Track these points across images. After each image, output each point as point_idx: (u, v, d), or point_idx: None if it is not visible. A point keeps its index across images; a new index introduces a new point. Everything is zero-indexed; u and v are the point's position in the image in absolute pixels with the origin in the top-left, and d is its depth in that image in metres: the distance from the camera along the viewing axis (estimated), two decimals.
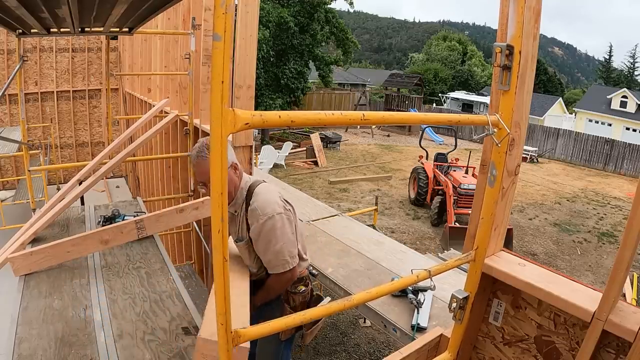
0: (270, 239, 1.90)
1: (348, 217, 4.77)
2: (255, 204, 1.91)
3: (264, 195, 1.95)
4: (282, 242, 1.92)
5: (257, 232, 1.91)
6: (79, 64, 10.09)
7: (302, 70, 18.35)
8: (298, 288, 2.12)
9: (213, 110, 0.72)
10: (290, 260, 1.95)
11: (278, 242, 1.91)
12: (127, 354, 1.83)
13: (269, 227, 1.89)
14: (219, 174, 0.76)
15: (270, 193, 1.99)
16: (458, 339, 1.53)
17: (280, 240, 1.91)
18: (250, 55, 2.98)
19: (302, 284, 2.14)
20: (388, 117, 1.07)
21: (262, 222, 1.88)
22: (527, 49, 1.31)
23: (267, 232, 1.89)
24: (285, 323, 0.97)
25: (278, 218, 1.91)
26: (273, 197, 1.98)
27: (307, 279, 2.17)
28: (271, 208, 1.91)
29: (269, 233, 1.89)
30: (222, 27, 0.68)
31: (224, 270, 0.80)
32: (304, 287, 2.14)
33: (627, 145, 19.53)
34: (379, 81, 37.89)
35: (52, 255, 2.49)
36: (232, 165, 1.93)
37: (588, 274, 8.26)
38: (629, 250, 1.21)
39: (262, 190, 1.97)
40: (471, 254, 1.42)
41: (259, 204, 1.91)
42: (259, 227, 1.89)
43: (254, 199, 1.93)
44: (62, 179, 9.77)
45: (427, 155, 11.61)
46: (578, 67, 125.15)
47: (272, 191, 2.02)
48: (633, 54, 49.64)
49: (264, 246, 1.93)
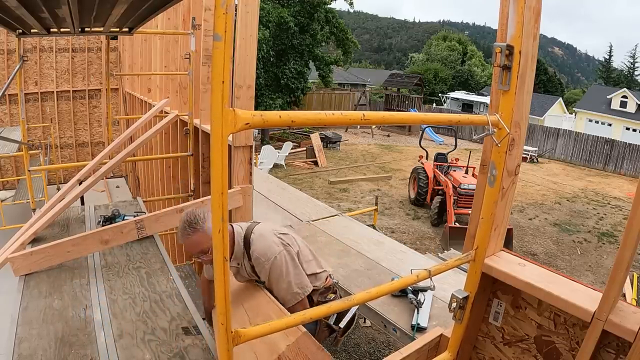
0: (277, 278, 2.02)
1: (348, 217, 4.77)
2: (256, 252, 2.02)
3: (260, 242, 2.05)
4: (289, 277, 2.03)
5: (266, 276, 2.03)
6: (79, 64, 10.09)
7: (302, 70, 18.35)
8: (328, 297, 2.23)
9: (213, 110, 0.72)
10: (300, 291, 2.07)
11: (285, 278, 2.02)
12: (127, 353, 1.82)
13: (275, 268, 2.01)
14: (219, 173, 0.76)
15: (265, 236, 2.09)
16: (458, 339, 1.53)
17: (286, 276, 2.03)
18: (250, 55, 2.98)
19: (331, 292, 2.25)
20: (388, 117, 1.07)
21: (268, 266, 2.00)
22: (527, 49, 1.31)
23: (274, 273, 2.01)
24: (286, 323, 0.97)
25: (279, 258, 2.02)
26: (269, 238, 2.07)
27: (334, 287, 2.29)
28: (271, 251, 2.01)
29: (276, 273, 2.01)
30: (223, 27, 0.68)
31: (224, 270, 0.80)
32: (333, 295, 2.25)
33: (627, 145, 19.53)
34: (379, 81, 37.89)
35: (52, 255, 2.49)
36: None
37: (588, 274, 8.26)
38: (629, 250, 1.21)
39: (257, 236, 2.07)
40: (471, 253, 1.42)
41: (259, 252, 2.01)
42: (266, 272, 2.02)
43: (252, 249, 2.03)
44: (62, 179, 9.78)
45: (427, 155, 11.61)
46: (578, 67, 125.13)
47: (266, 233, 2.10)
48: (633, 54, 49.65)
49: (276, 286, 2.05)
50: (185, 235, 1.93)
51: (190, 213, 1.96)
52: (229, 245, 1.94)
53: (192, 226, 1.90)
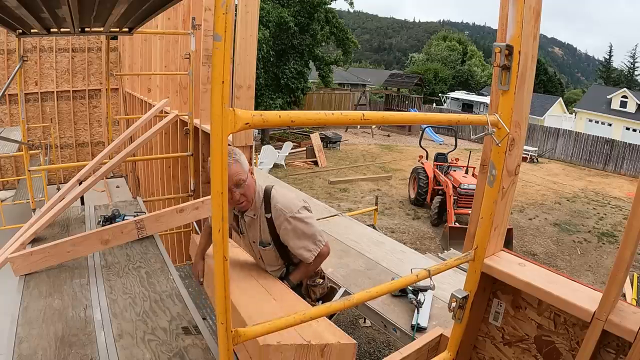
0: (303, 229, 2.03)
1: (348, 217, 4.76)
2: (279, 204, 2.03)
3: (283, 196, 2.07)
4: (314, 228, 2.07)
5: (288, 228, 2.03)
6: (79, 64, 10.10)
7: (302, 70, 18.35)
8: (317, 281, 2.27)
9: (214, 110, 0.72)
10: (322, 239, 2.10)
11: (310, 229, 2.05)
12: (127, 353, 1.83)
13: (299, 220, 2.02)
14: (219, 173, 0.76)
15: (287, 192, 2.13)
16: (458, 339, 1.53)
17: (311, 227, 2.06)
18: (250, 55, 2.98)
19: (319, 277, 2.30)
20: (388, 117, 1.07)
21: (291, 217, 2.01)
22: (527, 49, 1.31)
23: (298, 224, 2.02)
24: (286, 322, 0.97)
25: (303, 211, 2.05)
26: (291, 194, 2.12)
27: (321, 272, 2.32)
28: (294, 204, 2.04)
29: (300, 224, 2.03)
30: (223, 27, 0.68)
31: (224, 270, 0.80)
32: (321, 280, 2.29)
33: (627, 145, 19.53)
34: (379, 81, 37.90)
35: (52, 255, 2.49)
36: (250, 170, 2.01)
37: (588, 274, 8.26)
38: (629, 250, 1.21)
39: (279, 191, 2.10)
40: (471, 253, 1.42)
41: (282, 204, 2.03)
42: (289, 224, 2.02)
43: (274, 201, 2.04)
44: (62, 179, 9.78)
45: (427, 155, 11.61)
46: (578, 67, 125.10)
47: (287, 190, 2.15)
48: (633, 54, 49.65)
49: (298, 237, 2.04)
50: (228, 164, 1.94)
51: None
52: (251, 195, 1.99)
53: (230, 156, 1.91)
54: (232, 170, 1.88)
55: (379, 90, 32.17)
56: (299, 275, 2.16)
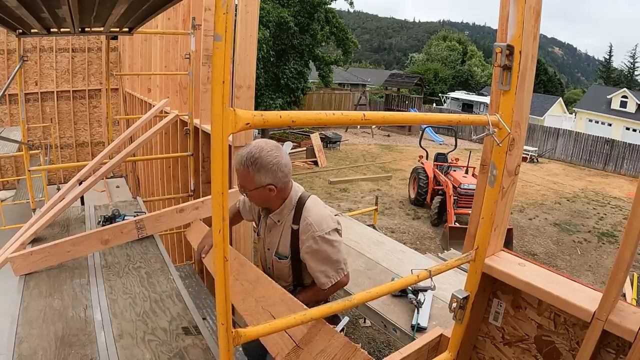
0: (329, 253, 1.87)
1: (348, 217, 4.76)
2: (310, 218, 1.86)
3: (317, 210, 1.90)
4: (340, 254, 1.92)
5: (313, 248, 1.86)
6: (79, 64, 10.09)
7: (302, 70, 18.35)
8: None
9: (214, 111, 0.72)
10: (345, 268, 1.95)
11: (336, 254, 1.90)
12: (127, 353, 1.82)
13: (328, 242, 1.86)
14: (219, 173, 0.76)
15: (323, 207, 1.95)
16: (458, 339, 1.53)
17: (338, 253, 1.90)
18: (250, 55, 2.98)
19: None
20: (388, 117, 1.07)
21: (320, 237, 1.84)
22: (527, 49, 1.31)
23: (325, 247, 1.86)
24: (286, 323, 0.97)
25: (335, 234, 1.89)
26: (326, 211, 1.94)
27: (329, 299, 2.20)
28: (327, 223, 1.87)
29: (328, 247, 1.86)
30: (223, 27, 0.68)
31: (225, 270, 0.80)
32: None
33: (627, 145, 19.54)
34: (379, 81, 37.90)
35: (52, 255, 2.49)
36: (267, 186, 1.80)
37: (588, 274, 8.26)
38: (629, 250, 1.21)
39: (314, 204, 1.92)
40: (471, 254, 1.42)
41: (314, 219, 1.86)
42: (315, 243, 1.85)
43: (307, 214, 1.88)
44: (62, 179, 9.78)
45: (427, 155, 11.61)
46: (578, 67, 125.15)
47: (322, 204, 1.97)
48: (633, 54, 49.70)
49: (321, 259, 1.89)
50: (238, 164, 1.79)
51: (253, 151, 1.77)
52: (275, 204, 1.87)
53: (246, 163, 1.76)
54: (239, 174, 1.80)
55: (379, 90, 32.17)
56: (307, 298, 1.96)
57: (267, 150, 1.77)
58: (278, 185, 1.82)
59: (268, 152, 1.76)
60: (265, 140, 1.84)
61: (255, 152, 1.75)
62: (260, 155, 1.75)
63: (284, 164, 1.80)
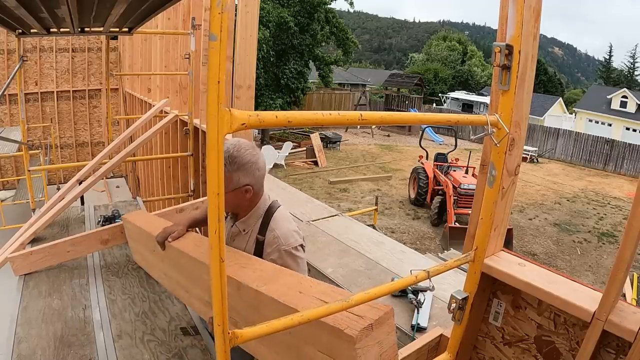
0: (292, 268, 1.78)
1: (348, 217, 4.75)
2: (278, 231, 1.79)
3: (285, 223, 1.82)
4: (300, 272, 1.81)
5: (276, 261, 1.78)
6: (79, 64, 10.10)
7: (302, 70, 18.35)
8: None
9: (209, 111, 0.71)
10: None
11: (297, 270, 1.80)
12: (126, 353, 1.82)
13: (292, 257, 1.79)
14: (215, 174, 0.75)
15: (290, 221, 1.88)
16: (458, 339, 1.53)
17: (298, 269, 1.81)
18: (250, 55, 2.98)
19: None
20: (387, 117, 1.06)
21: (285, 251, 1.77)
22: (527, 49, 1.31)
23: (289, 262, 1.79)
24: (284, 324, 0.97)
25: (300, 250, 1.82)
26: (294, 225, 1.86)
27: None
28: (294, 238, 1.80)
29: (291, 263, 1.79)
30: (218, 27, 0.68)
31: (221, 271, 0.79)
32: None
33: (627, 145, 19.54)
34: (379, 81, 37.90)
35: (51, 255, 2.49)
36: (243, 187, 1.72)
37: (588, 274, 8.25)
38: (629, 250, 1.20)
39: (281, 217, 1.85)
40: (471, 254, 1.42)
41: (281, 232, 1.78)
42: (280, 258, 1.78)
43: (274, 225, 1.81)
44: (62, 179, 9.78)
45: (427, 155, 11.61)
46: (578, 67, 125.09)
47: (291, 219, 1.89)
48: (633, 54, 49.68)
49: None
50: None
51: (231, 149, 1.66)
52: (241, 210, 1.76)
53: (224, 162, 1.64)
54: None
55: (379, 90, 32.17)
56: None
57: (245, 149, 1.69)
58: (255, 186, 1.75)
59: (246, 151, 1.68)
60: (239, 139, 1.76)
61: (234, 151, 1.66)
62: (239, 155, 1.67)
63: (261, 164, 1.74)
